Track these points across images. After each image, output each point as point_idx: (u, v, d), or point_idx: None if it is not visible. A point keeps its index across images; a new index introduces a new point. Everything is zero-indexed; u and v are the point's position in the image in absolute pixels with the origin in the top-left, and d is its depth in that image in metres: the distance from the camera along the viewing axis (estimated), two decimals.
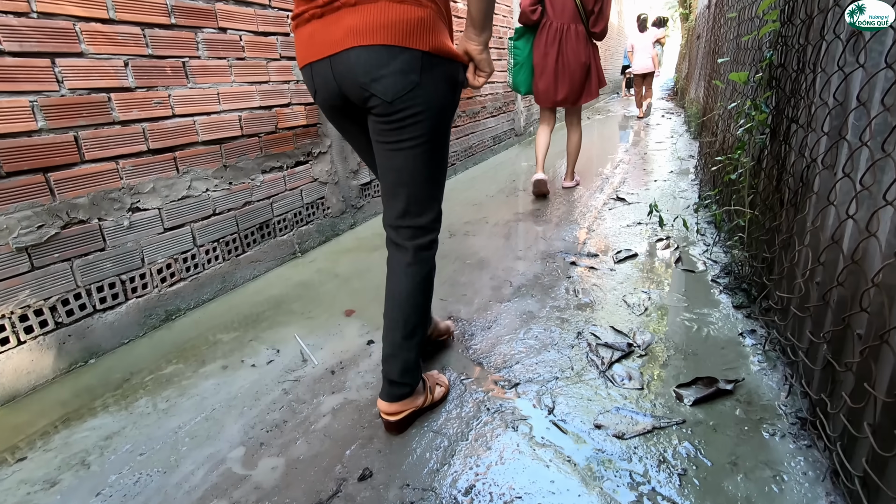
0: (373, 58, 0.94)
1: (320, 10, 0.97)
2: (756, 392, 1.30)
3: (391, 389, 1.18)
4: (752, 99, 1.72)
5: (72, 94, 1.56)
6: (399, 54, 0.95)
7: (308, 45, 1.02)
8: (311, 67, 1.04)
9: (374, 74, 0.95)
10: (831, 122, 1.02)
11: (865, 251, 0.83)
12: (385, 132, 1.04)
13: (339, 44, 0.96)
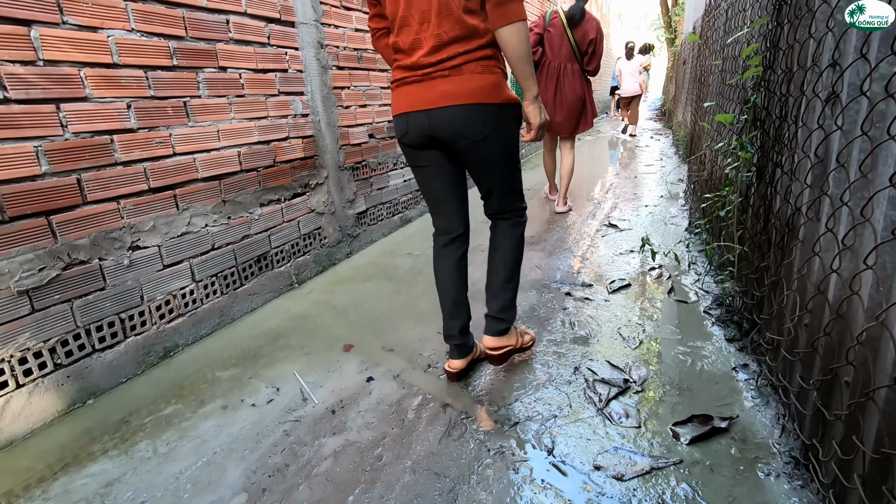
0: (463, 113, 1.32)
1: (420, 77, 1.34)
2: (750, 429, 1.33)
3: (492, 325, 1.60)
4: (738, 138, 1.78)
5: (75, 137, 1.58)
6: (481, 109, 1.32)
7: (407, 100, 1.39)
8: (408, 116, 1.40)
9: (464, 124, 1.33)
10: (814, 175, 1.07)
11: (850, 305, 0.87)
12: (477, 159, 1.42)
13: (435, 102, 1.33)
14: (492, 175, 1.46)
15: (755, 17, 1.81)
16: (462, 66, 1.30)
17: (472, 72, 1.30)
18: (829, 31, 1.02)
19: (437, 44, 1.29)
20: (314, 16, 2.59)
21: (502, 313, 1.59)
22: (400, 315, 2.16)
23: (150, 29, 1.78)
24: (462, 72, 1.30)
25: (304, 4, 2.52)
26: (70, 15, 1.55)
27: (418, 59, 1.32)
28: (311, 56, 2.59)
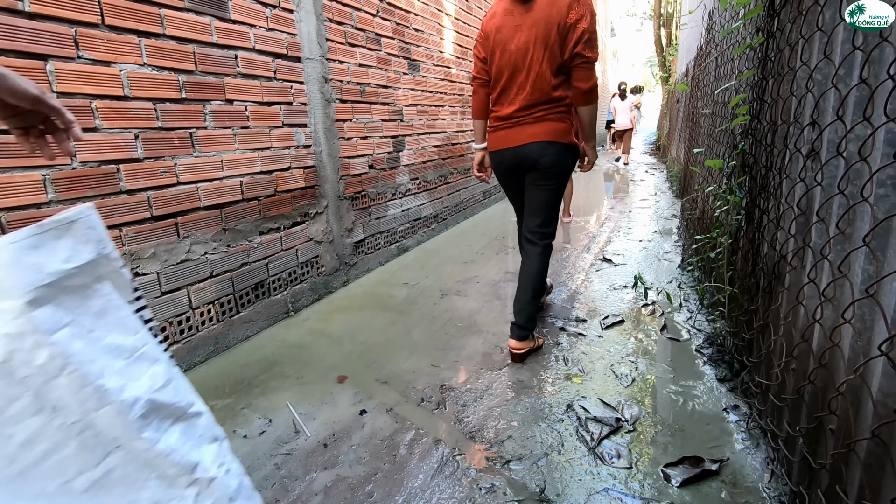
0: (542, 148, 1.81)
1: (511, 125, 1.86)
2: (741, 473, 1.33)
3: (519, 332, 1.94)
4: (728, 183, 1.84)
5: (83, 166, 1.62)
6: (555, 146, 1.82)
7: (502, 140, 1.90)
8: (503, 151, 1.91)
9: (542, 155, 1.82)
10: (797, 224, 1.12)
11: (832, 355, 0.90)
12: (541, 183, 1.89)
13: (523, 140, 1.83)
14: (543, 195, 1.91)
15: (742, 67, 1.89)
16: (543, 117, 1.81)
17: (549, 119, 1.81)
18: (809, 92, 1.08)
19: (527, 104, 1.80)
20: (320, 52, 2.68)
21: (528, 324, 1.94)
22: (394, 346, 2.17)
23: (161, 63, 1.84)
24: (543, 119, 1.81)
25: (310, 41, 2.61)
26: (86, 50, 1.61)
27: (511, 112, 1.84)
28: (316, 90, 2.67)
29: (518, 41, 1.76)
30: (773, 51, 1.42)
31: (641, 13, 15.37)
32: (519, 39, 1.76)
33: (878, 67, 0.84)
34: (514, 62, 1.78)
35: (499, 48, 1.81)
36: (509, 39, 1.78)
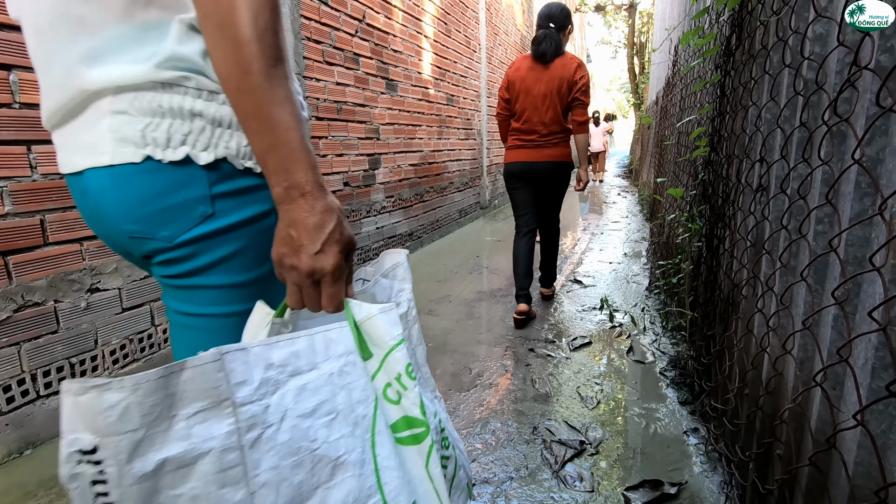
0: (554, 166, 2.52)
1: (533, 144, 2.53)
2: (698, 496, 1.36)
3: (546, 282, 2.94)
4: (689, 211, 1.91)
5: (44, 178, 1.58)
6: (562, 164, 2.54)
7: (525, 156, 2.55)
8: (525, 163, 2.55)
9: (553, 171, 2.54)
10: (748, 257, 1.17)
11: (778, 383, 0.94)
12: (550, 190, 2.61)
13: (542, 158, 2.52)
14: (552, 200, 2.66)
15: (704, 101, 1.98)
16: (556, 142, 2.52)
17: (560, 145, 2.53)
18: (758, 130, 1.14)
19: (546, 133, 2.51)
20: (296, 69, 2.70)
21: (550, 278, 2.93)
22: None
23: None
24: (556, 145, 2.53)
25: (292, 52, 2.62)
26: None
27: (534, 138, 2.52)
28: None
29: (539, 89, 2.48)
30: (729, 88, 1.50)
31: (616, 41, 15.95)
32: (539, 88, 2.48)
33: (816, 111, 0.90)
34: (535, 103, 2.49)
35: (523, 92, 2.51)
36: (532, 87, 2.49)
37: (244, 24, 0.45)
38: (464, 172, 5.49)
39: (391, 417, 0.52)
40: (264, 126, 0.47)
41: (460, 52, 5.36)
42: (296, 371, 0.47)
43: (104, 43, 0.49)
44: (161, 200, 0.51)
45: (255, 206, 0.56)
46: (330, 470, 0.46)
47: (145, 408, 0.40)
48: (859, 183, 0.73)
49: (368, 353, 0.52)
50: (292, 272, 0.50)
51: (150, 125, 0.50)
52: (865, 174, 0.71)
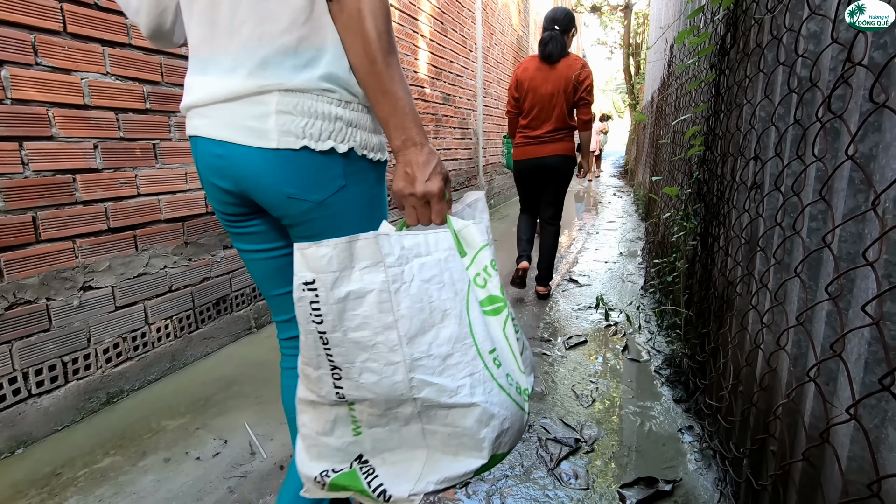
0: (559, 159, 2.70)
1: (538, 142, 2.73)
2: (693, 493, 1.36)
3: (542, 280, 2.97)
4: (684, 210, 1.92)
5: (36, 175, 1.57)
6: (566, 158, 2.74)
7: (532, 152, 2.75)
8: (532, 160, 2.75)
9: (561, 164, 2.73)
10: (743, 254, 1.17)
11: (772, 380, 0.95)
12: (555, 181, 2.79)
13: (548, 153, 2.72)
14: (557, 191, 2.83)
15: (699, 100, 1.99)
16: (561, 138, 2.71)
17: (564, 140, 2.72)
18: (753, 128, 1.14)
19: (550, 130, 2.70)
20: None
21: (547, 276, 2.97)
22: None
23: (126, 73, 1.81)
24: (561, 140, 2.71)
25: None
26: (45, 57, 1.57)
27: (540, 134, 2.71)
28: None
29: (546, 88, 2.65)
30: (723, 87, 1.50)
31: (612, 42, 15.98)
32: (546, 87, 2.64)
33: (809, 109, 0.91)
34: (542, 102, 2.67)
35: (531, 91, 2.67)
36: (539, 86, 2.66)
37: (369, 30, 0.66)
38: (460, 172, 5.49)
39: (479, 296, 0.75)
40: (386, 98, 0.69)
41: (456, 52, 5.36)
42: (418, 254, 0.70)
43: (273, 53, 0.69)
44: (312, 175, 0.73)
45: (367, 181, 0.79)
46: (440, 316, 0.70)
47: (340, 259, 0.65)
48: (853, 179, 0.73)
49: (463, 252, 0.75)
50: (410, 198, 0.72)
51: (308, 124, 0.70)
52: (858, 170, 0.72)
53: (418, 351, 0.68)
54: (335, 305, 0.66)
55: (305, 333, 0.68)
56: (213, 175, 0.78)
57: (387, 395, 0.68)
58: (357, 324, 0.67)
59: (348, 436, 0.74)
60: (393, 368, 0.67)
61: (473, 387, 0.69)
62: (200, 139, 0.77)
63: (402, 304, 0.67)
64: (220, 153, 0.74)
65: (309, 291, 0.65)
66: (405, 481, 0.72)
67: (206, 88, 0.74)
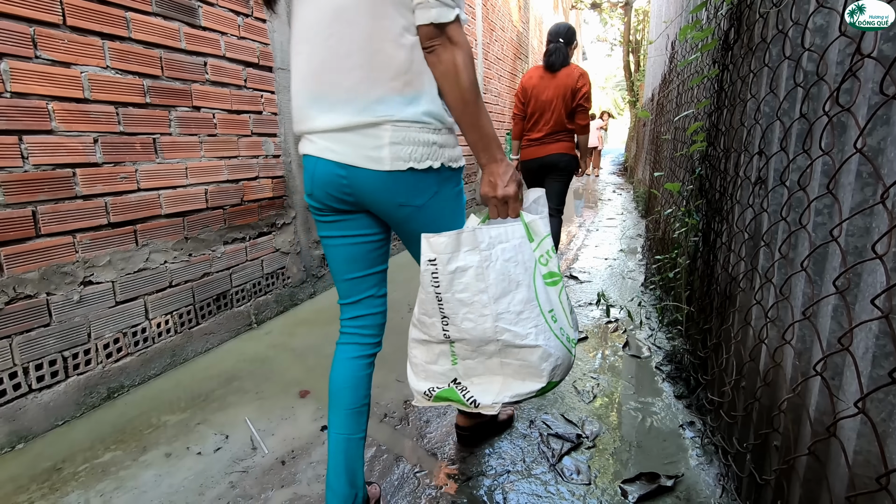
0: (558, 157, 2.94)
1: (542, 143, 2.99)
2: (694, 489, 1.37)
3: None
4: (686, 206, 1.91)
5: (36, 169, 1.56)
6: (565, 155, 2.98)
7: (535, 152, 3.01)
8: (535, 159, 3.01)
9: (560, 161, 2.97)
10: (747, 248, 1.17)
11: (776, 375, 0.94)
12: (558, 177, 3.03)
13: (549, 152, 2.97)
14: (560, 186, 3.04)
15: (701, 96, 1.98)
16: (560, 139, 2.95)
17: (563, 141, 2.97)
18: (757, 123, 1.14)
19: (550, 132, 2.94)
20: None
21: None
22: None
23: (126, 67, 1.80)
24: (560, 141, 2.96)
25: (283, 51, 2.60)
26: (44, 50, 1.56)
27: (541, 136, 2.96)
28: (287, 100, 2.65)
29: (547, 94, 2.91)
30: (727, 82, 1.50)
31: (612, 39, 15.95)
32: (547, 94, 2.91)
33: (816, 103, 0.90)
34: (544, 107, 2.93)
35: (534, 98, 2.94)
36: (541, 93, 2.93)
37: (463, 80, 0.89)
38: None
39: (542, 272, 1.01)
40: (475, 129, 0.94)
41: None
42: (500, 241, 0.96)
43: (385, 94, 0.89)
44: (415, 187, 0.96)
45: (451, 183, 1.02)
46: (515, 285, 0.95)
47: (452, 245, 0.93)
48: (860, 173, 0.73)
49: (531, 238, 1.00)
50: (493, 199, 0.97)
51: (412, 150, 0.92)
52: (866, 164, 0.71)
53: (501, 308, 0.95)
54: (448, 276, 0.94)
55: (426, 293, 0.98)
56: (333, 189, 0.99)
57: (479, 337, 0.97)
58: (461, 288, 0.94)
59: (448, 365, 1.05)
60: (484, 319, 0.95)
61: (537, 334, 0.96)
62: (321, 160, 0.97)
63: (491, 276, 0.94)
64: (344, 174, 0.95)
65: (431, 266, 0.94)
66: (489, 395, 1.02)
67: (322, 118, 0.94)
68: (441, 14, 0.86)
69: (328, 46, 0.89)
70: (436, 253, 0.93)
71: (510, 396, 1.00)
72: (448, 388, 1.05)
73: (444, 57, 0.87)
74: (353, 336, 1.16)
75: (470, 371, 1.03)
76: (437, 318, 0.98)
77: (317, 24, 0.90)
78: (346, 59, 0.88)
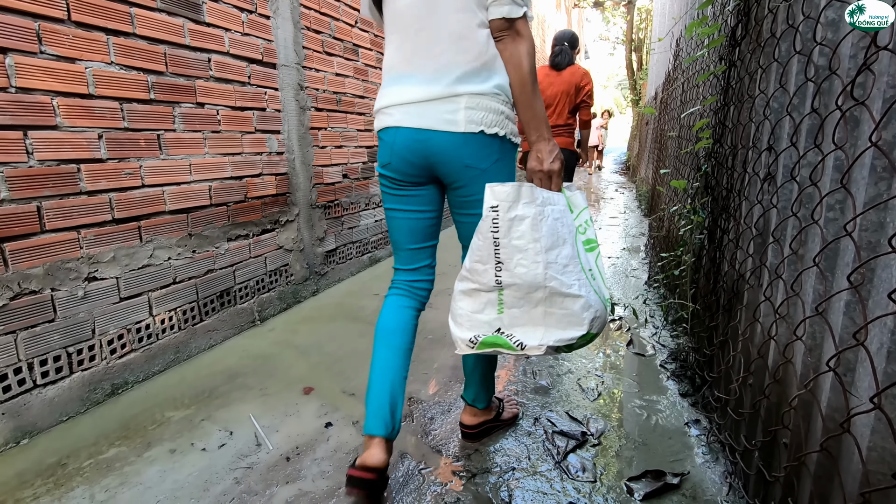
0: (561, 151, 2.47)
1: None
2: (700, 486, 1.36)
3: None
4: (691, 203, 1.91)
5: (40, 165, 1.56)
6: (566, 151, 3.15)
7: None
8: None
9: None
10: (755, 245, 1.16)
11: (785, 371, 0.94)
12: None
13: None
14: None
15: (707, 93, 1.97)
16: (560, 133, 3.13)
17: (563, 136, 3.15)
18: (766, 119, 1.13)
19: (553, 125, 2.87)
20: (296, 59, 2.67)
21: None
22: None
23: (130, 63, 1.80)
24: (560, 135, 3.13)
25: (286, 48, 2.59)
26: (49, 45, 1.56)
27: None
28: (291, 97, 2.65)
29: (551, 90, 3.10)
30: (734, 79, 1.49)
31: (614, 38, 15.91)
32: (553, 89, 3.10)
33: (827, 98, 0.89)
34: (548, 103, 3.10)
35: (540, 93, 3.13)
36: (546, 89, 3.11)
37: (525, 67, 1.08)
38: None
39: (581, 239, 1.15)
40: (530, 109, 1.10)
41: None
42: (550, 203, 1.09)
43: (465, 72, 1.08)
44: (482, 151, 1.12)
45: (508, 155, 1.18)
46: (562, 241, 1.08)
47: (513, 194, 1.05)
48: (874, 167, 0.72)
49: (572, 210, 1.15)
50: (539, 173, 1.11)
51: (484, 116, 1.09)
52: (880, 158, 0.71)
53: (550, 258, 1.06)
54: (507, 222, 1.05)
55: (483, 240, 1.08)
56: (410, 153, 1.17)
57: (529, 283, 1.07)
58: (518, 235, 1.05)
59: (493, 314, 1.14)
60: (536, 265, 1.06)
61: (580, 287, 1.08)
62: (402, 129, 1.15)
63: (543, 228, 1.06)
64: (421, 138, 1.13)
65: (493, 212, 1.05)
66: (534, 339, 1.10)
67: (406, 93, 1.12)
68: (511, 11, 1.06)
69: (419, 37, 1.10)
70: (498, 200, 1.05)
71: (554, 341, 1.08)
72: (493, 335, 1.13)
73: (510, 46, 1.08)
74: (405, 292, 1.36)
75: (514, 321, 1.12)
76: (492, 265, 1.08)
77: (409, 18, 1.12)
78: (435, 47, 1.09)
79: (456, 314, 1.18)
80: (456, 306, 1.18)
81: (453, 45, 1.07)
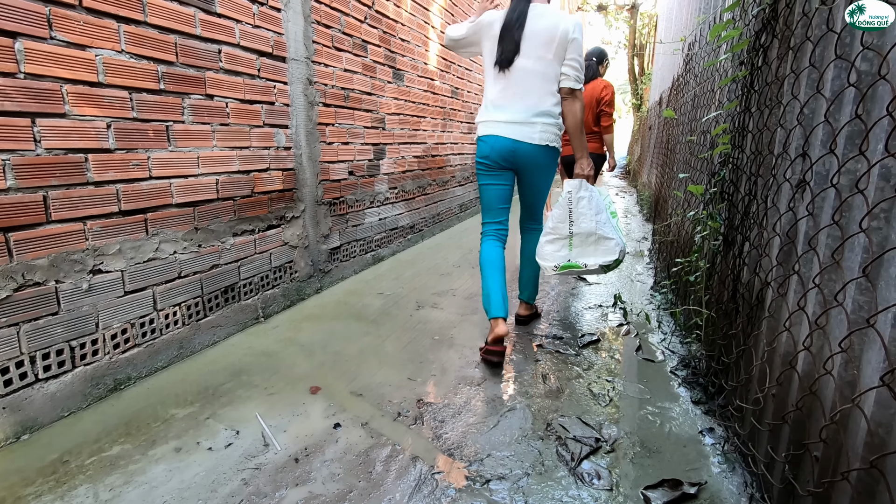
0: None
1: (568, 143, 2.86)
2: (718, 496, 1.34)
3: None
4: (707, 208, 1.89)
5: (48, 153, 1.52)
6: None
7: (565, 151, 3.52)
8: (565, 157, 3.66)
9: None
10: (783, 253, 1.14)
11: (822, 384, 0.92)
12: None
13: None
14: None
15: (724, 98, 1.95)
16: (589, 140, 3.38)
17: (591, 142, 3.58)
18: (799, 124, 1.11)
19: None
20: (306, 53, 2.63)
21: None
22: (368, 357, 2.10)
23: (141, 52, 1.76)
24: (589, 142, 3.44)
25: (296, 42, 2.56)
26: (59, 31, 1.52)
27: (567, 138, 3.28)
28: (300, 91, 2.61)
29: None
30: (758, 84, 1.47)
31: (616, 42, 15.92)
32: None
33: (870, 104, 0.87)
34: None
35: None
36: None
37: (577, 116, 2.04)
38: (465, 167, 5.45)
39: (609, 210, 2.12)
40: (577, 140, 2.09)
41: None
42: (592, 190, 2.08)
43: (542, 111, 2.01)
44: (547, 157, 2.08)
45: (556, 157, 2.15)
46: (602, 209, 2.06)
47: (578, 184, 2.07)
48: None
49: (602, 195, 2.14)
50: (582, 176, 2.09)
51: (550, 136, 2.04)
52: None
53: (598, 219, 2.01)
54: (576, 199, 2.03)
55: (562, 210, 2.05)
56: (504, 153, 2.03)
57: (587, 231, 2.02)
58: (581, 207, 2.02)
59: (566, 251, 2.07)
60: (591, 222, 2.01)
61: (613, 233, 2.02)
62: (501, 137, 2.01)
63: (593, 203, 2.03)
64: (513, 147, 2.01)
65: (568, 194, 2.03)
66: (591, 261, 2.04)
67: (507, 114, 2.00)
68: (573, 85, 1.98)
69: (520, 88, 1.98)
70: (571, 187, 2.03)
71: (602, 261, 2.03)
72: (567, 262, 2.06)
73: (570, 104, 2.01)
74: (495, 236, 2.17)
75: (579, 253, 2.05)
76: (567, 223, 2.04)
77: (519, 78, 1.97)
78: (530, 94, 1.98)
79: (544, 254, 2.10)
80: (543, 250, 2.10)
81: (539, 97, 1.98)
